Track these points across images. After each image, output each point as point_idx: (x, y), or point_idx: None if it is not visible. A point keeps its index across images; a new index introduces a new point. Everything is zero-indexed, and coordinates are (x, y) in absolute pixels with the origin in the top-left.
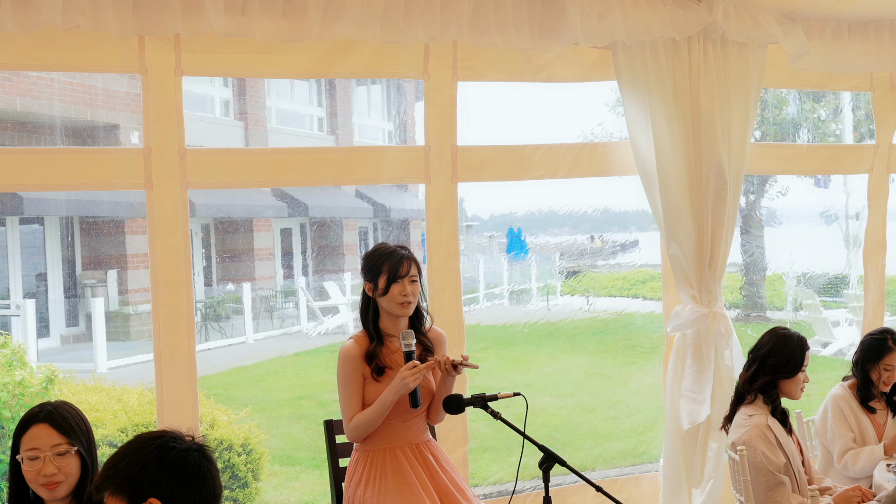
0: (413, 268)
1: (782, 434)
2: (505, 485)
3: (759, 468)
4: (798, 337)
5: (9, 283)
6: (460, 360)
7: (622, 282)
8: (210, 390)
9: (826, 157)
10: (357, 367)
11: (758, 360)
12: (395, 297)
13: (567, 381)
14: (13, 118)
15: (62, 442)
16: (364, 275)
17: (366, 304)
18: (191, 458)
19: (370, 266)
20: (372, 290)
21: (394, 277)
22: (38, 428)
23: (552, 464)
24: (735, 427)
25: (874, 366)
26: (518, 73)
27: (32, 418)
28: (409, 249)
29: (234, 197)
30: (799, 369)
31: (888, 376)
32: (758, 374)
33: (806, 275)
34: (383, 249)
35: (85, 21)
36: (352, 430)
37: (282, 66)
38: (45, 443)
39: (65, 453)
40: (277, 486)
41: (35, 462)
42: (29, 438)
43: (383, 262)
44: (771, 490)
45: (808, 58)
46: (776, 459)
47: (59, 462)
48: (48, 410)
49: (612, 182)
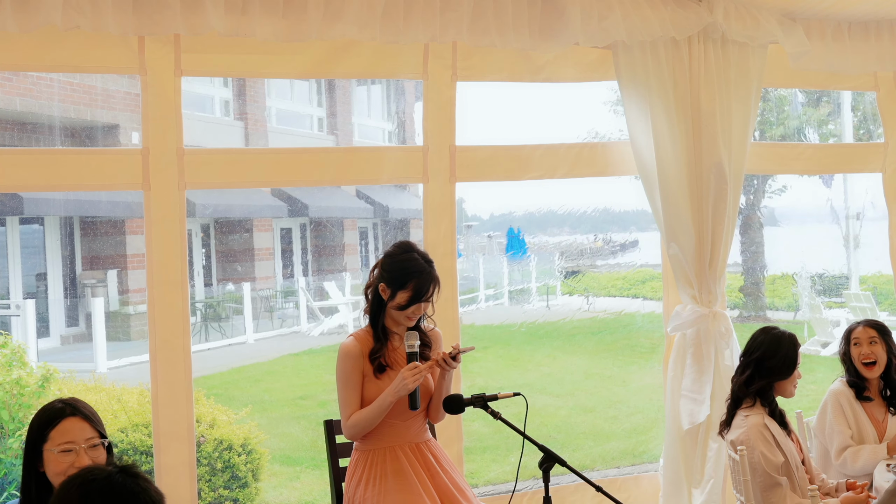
0: (435, 289)
1: (780, 434)
2: (504, 484)
3: (756, 468)
4: (789, 336)
5: (9, 283)
6: (454, 350)
7: (622, 282)
8: (210, 390)
9: (831, 157)
10: (356, 365)
11: (752, 363)
12: (408, 313)
13: (567, 381)
14: (13, 118)
15: (94, 435)
16: (384, 277)
17: (377, 304)
18: (114, 483)
19: (396, 276)
20: (387, 296)
21: (417, 298)
22: (70, 421)
23: (552, 464)
24: (733, 428)
25: (849, 348)
26: (518, 74)
27: (60, 413)
28: (433, 264)
29: (234, 197)
30: (794, 369)
31: (857, 351)
32: (753, 378)
33: (822, 276)
34: (414, 265)
35: (85, 21)
36: (349, 428)
37: (282, 66)
38: (80, 436)
39: (97, 445)
40: (277, 486)
41: (69, 455)
42: (62, 432)
43: (411, 279)
44: (767, 491)
45: (809, 58)
46: (774, 459)
47: (92, 454)
48: (73, 405)
49: (612, 182)
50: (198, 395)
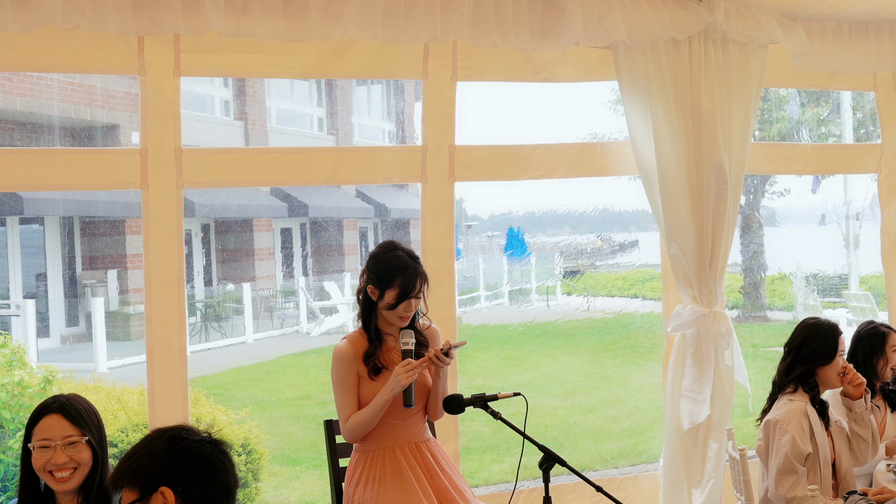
0: (423, 285)
1: (818, 424)
2: (504, 484)
3: (780, 450)
4: (828, 324)
5: (9, 283)
6: (445, 346)
7: (622, 282)
8: (210, 390)
9: (829, 157)
10: (351, 367)
11: (792, 351)
12: (399, 312)
13: (566, 381)
14: (13, 118)
15: (74, 433)
16: (371, 279)
17: (368, 306)
18: (202, 449)
19: (382, 275)
20: (377, 297)
21: (404, 296)
22: (50, 418)
23: (552, 464)
24: (774, 409)
25: (881, 354)
26: (518, 73)
27: (45, 409)
28: (419, 260)
29: (234, 197)
30: (834, 355)
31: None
32: (794, 365)
33: (816, 276)
34: (398, 262)
35: (85, 21)
36: (348, 431)
37: (282, 66)
38: (57, 433)
39: (76, 443)
40: (277, 486)
41: (46, 451)
42: (41, 429)
43: (397, 276)
44: (781, 474)
45: (809, 58)
46: (802, 447)
47: (70, 451)
48: (61, 402)
49: (612, 182)
50: (198, 395)
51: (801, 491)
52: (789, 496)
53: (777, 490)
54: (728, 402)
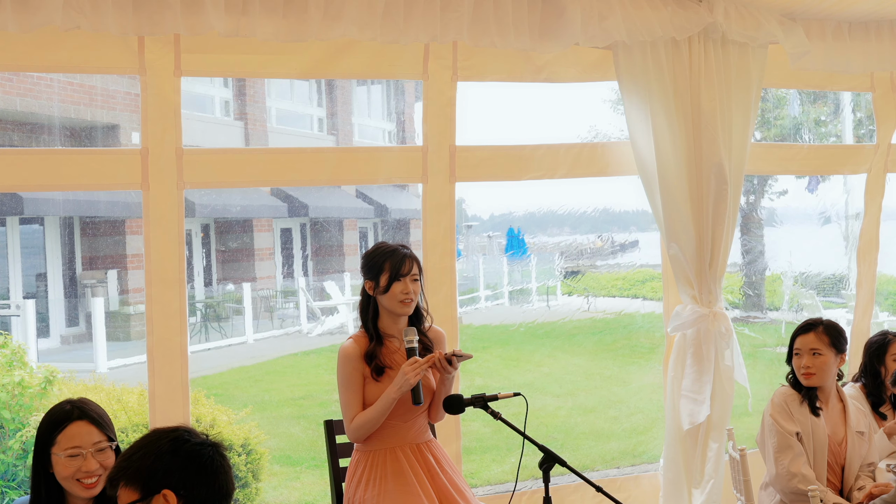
0: (415, 266)
1: (799, 412)
2: (504, 484)
3: (771, 429)
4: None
5: (9, 283)
6: (452, 353)
7: (622, 282)
8: (210, 390)
9: (826, 158)
10: (357, 367)
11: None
12: (396, 294)
13: (567, 381)
14: (13, 118)
15: (101, 439)
16: (364, 273)
17: (366, 302)
18: (204, 452)
19: (371, 264)
20: (373, 289)
21: (396, 275)
22: (78, 425)
23: (552, 464)
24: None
25: (881, 363)
26: (518, 74)
27: (67, 416)
28: (409, 248)
29: (234, 197)
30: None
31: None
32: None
33: (804, 274)
34: (385, 248)
35: (85, 21)
36: (353, 431)
37: (282, 66)
38: (87, 440)
39: (104, 449)
40: (277, 486)
41: (76, 459)
42: (69, 437)
43: (385, 259)
44: (780, 452)
45: (809, 58)
46: (787, 426)
47: (100, 458)
48: (80, 408)
49: (612, 182)
50: (198, 395)
51: (804, 469)
52: (792, 470)
53: (777, 468)
54: (728, 403)
